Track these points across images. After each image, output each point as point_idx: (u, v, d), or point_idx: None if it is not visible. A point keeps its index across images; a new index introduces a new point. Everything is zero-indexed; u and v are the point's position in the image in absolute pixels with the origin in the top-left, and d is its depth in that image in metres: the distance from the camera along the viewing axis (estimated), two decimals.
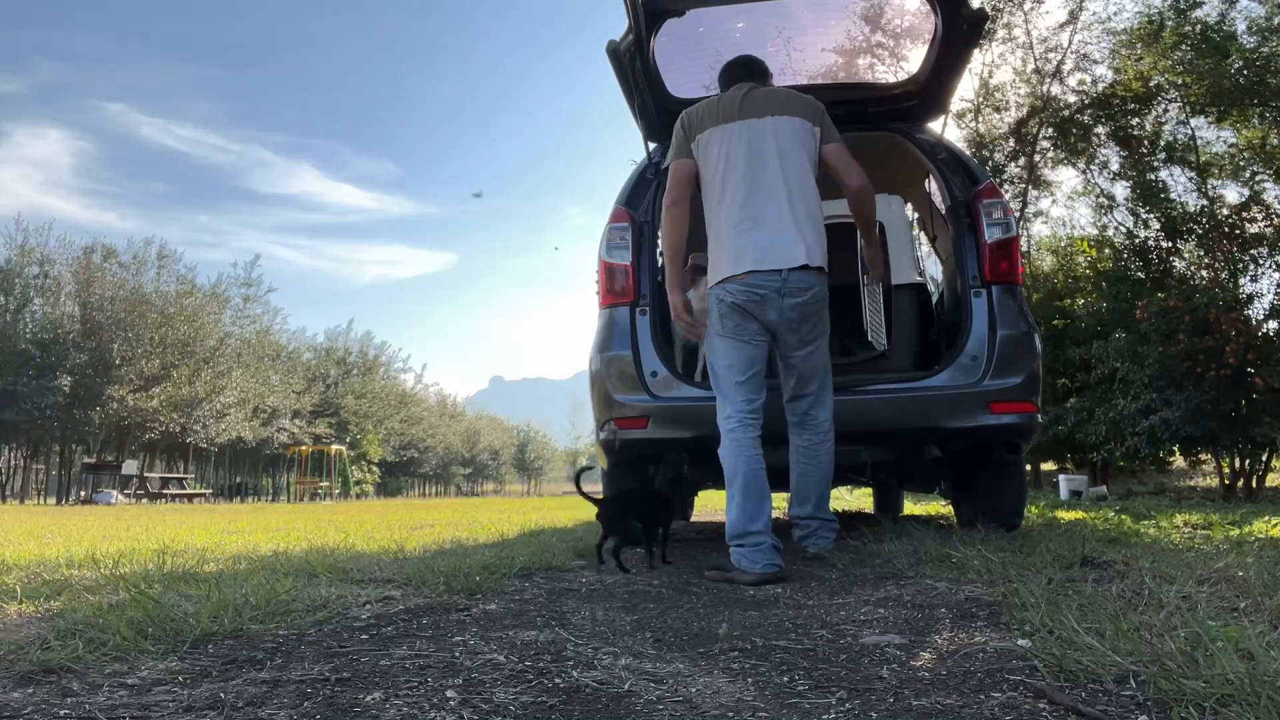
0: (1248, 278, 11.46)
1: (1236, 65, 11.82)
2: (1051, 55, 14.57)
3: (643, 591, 2.37)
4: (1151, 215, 13.11)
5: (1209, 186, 13.30)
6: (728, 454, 2.77)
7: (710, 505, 9.57)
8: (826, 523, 3.05)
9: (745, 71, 3.08)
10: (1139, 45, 13.42)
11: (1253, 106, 12.24)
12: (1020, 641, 1.48)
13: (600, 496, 3.11)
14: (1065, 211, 23.44)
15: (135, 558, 3.10)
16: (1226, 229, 11.55)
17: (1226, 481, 10.31)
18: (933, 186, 4.20)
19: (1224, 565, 2.20)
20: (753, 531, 2.61)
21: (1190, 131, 13.45)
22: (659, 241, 4.26)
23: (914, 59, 3.76)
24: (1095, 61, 14.25)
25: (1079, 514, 5.93)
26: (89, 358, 25.42)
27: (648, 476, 3.32)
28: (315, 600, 1.97)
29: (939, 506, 7.67)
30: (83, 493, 24.05)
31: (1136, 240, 13.24)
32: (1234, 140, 13.25)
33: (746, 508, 2.65)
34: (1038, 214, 16.08)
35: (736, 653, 1.53)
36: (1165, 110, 13.58)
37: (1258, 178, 12.81)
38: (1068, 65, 14.38)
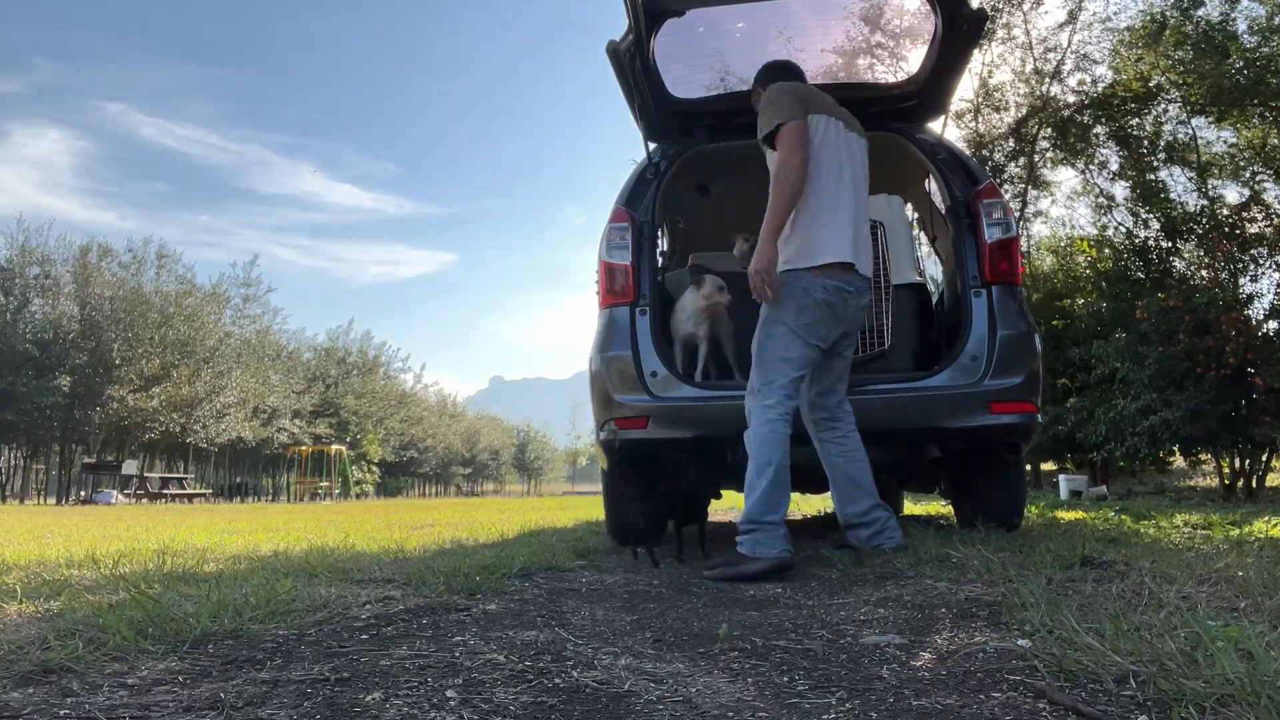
0: (1248, 278, 11.46)
1: (1237, 65, 11.82)
2: (1051, 55, 14.57)
3: (643, 591, 2.37)
4: (1151, 215, 13.11)
5: (1209, 186, 13.30)
6: (766, 443, 2.74)
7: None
8: (891, 514, 3.01)
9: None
10: (1139, 45, 13.42)
11: (1253, 106, 12.24)
12: (1020, 641, 1.48)
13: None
14: (1065, 211, 23.46)
15: (135, 558, 3.11)
16: (1226, 229, 11.55)
17: (1226, 481, 10.31)
18: (933, 186, 4.19)
19: (1224, 565, 2.20)
20: (771, 521, 2.66)
21: (1190, 131, 13.45)
22: (659, 241, 4.25)
23: (914, 59, 3.76)
24: (1095, 61, 14.25)
25: (1079, 514, 5.92)
26: (88, 358, 25.42)
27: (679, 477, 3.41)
28: (315, 600, 1.97)
29: (939, 506, 7.67)
30: (83, 493, 24.05)
31: (1136, 240, 13.24)
32: (1234, 140, 13.25)
33: (772, 498, 2.68)
34: (1038, 214, 16.08)
35: (736, 653, 1.53)
36: (1165, 110, 13.58)
37: (1258, 178, 12.81)
38: (1067, 65, 14.38)
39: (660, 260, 3.98)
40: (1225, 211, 12.32)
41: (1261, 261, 11.51)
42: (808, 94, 2.98)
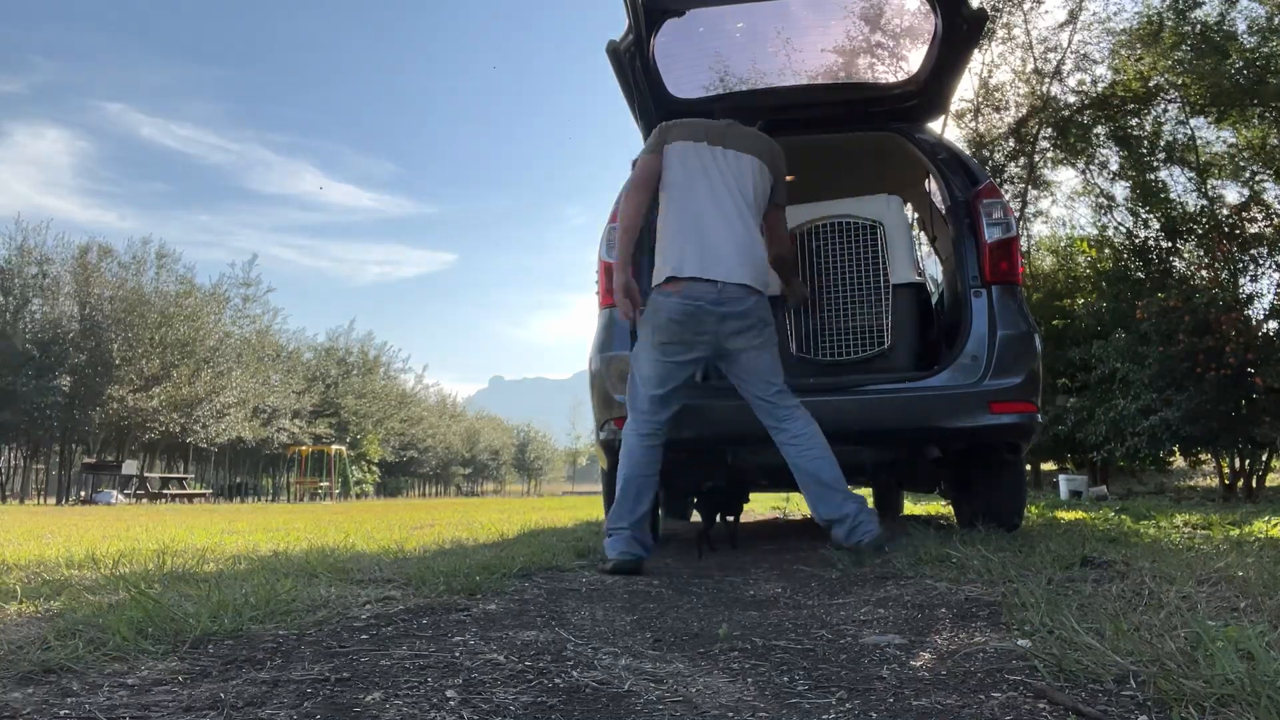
0: (1248, 278, 11.47)
1: (1236, 65, 11.83)
2: (1051, 55, 14.58)
3: (643, 591, 2.37)
4: (1151, 215, 13.12)
5: (1209, 186, 13.30)
6: (625, 457, 2.95)
7: None
8: (862, 505, 2.93)
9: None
10: (1139, 45, 13.42)
11: (1253, 106, 12.25)
12: (1020, 641, 1.48)
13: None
14: (1065, 211, 23.46)
15: (135, 558, 3.10)
16: (1226, 229, 11.55)
17: (1226, 481, 10.31)
18: (933, 186, 4.19)
19: (1224, 565, 2.20)
20: (619, 527, 2.82)
21: (1190, 131, 13.46)
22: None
23: (914, 59, 3.76)
24: (1095, 61, 14.26)
25: (1079, 514, 5.93)
26: (88, 357, 25.42)
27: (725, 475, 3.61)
28: (315, 600, 1.97)
29: (939, 506, 7.67)
30: (83, 493, 24.05)
31: (1136, 240, 13.25)
32: (1234, 140, 13.26)
33: (620, 507, 2.86)
34: (1038, 214, 16.09)
35: (736, 653, 1.53)
36: (1165, 110, 13.59)
37: (1258, 178, 12.82)
38: (1067, 65, 14.40)
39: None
40: (1225, 211, 12.33)
41: (1261, 261, 11.52)
42: (672, 126, 3.12)
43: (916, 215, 5.13)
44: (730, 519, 3.70)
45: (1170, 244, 12.52)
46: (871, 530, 2.87)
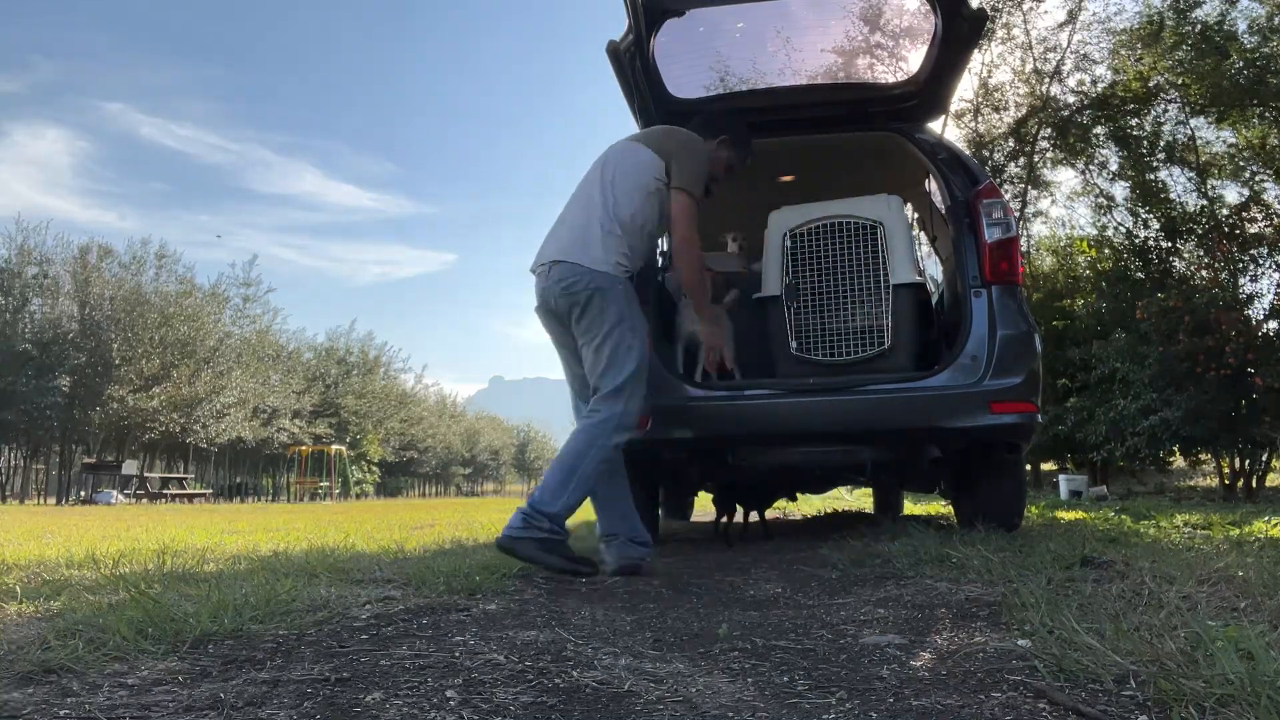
0: (1248, 278, 11.47)
1: (1236, 65, 11.82)
2: (1051, 55, 14.58)
3: (643, 591, 2.37)
4: (1151, 215, 13.12)
5: (1209, 186, 13.30)
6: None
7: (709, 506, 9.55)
8: (528, 517, 2.65)
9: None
10: (1139, 45, 13.42)
11: (1253, 106, 12.24)
12: (1020, 641, 1.48)
13: None
14: (1065, 211, 23.42)
15: (135, 558, 3.10)
16: (1226, 229, 11.56)
17: (1226, 481, 10.31)
18: (933, 186, 4.19)
19: (1224, 565, 2.20)
20: (612, 534, 2.87)
21: (1190, 131, 13.45)
22: (659, 241, 4.28)
23: (914, 59, 3.76)
24: (1095, 62, 14.26)
25: (1079, 514, 5.93)
26: (88, 357, 25.41)
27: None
28: (315, 600, 1.97)
29: (939, 506, 7.67)
30: (83, 493, 24.05)
31: (1136, 240, 13.25)
32: (1234, 140, 13.25)
33: (608, 515, 2.93)
34: (1038, 214, 16.09)
35: (736, 653, 1.53)
36: (1165, 110, 13.58)
37: (1258, 178, 12.81)
38: (1067, 65, 14.39)
39: (660, 260, 3.98)
40: (1225, 211, 12.33)
41: (1261, 261, 11.52)
42: None
43: (916, 215, 5.12)
44: (742, 522, 3.74)
45: (1170, 244, 12.53)
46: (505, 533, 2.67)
